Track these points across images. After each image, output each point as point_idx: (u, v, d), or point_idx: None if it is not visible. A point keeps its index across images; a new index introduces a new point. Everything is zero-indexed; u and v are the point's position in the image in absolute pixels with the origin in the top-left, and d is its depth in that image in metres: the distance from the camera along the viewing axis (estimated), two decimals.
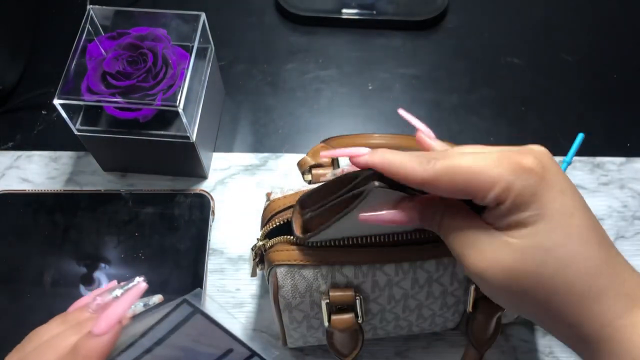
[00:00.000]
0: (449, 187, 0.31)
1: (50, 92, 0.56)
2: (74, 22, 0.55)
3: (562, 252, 0.30)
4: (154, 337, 0.33)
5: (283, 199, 0.41)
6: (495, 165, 0.30)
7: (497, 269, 0.31)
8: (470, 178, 0.30)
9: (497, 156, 0.30)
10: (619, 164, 0.60)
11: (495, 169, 0.30)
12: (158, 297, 0.39)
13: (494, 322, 0.43)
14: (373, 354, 0.50)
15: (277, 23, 0.70)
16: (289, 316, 0.42)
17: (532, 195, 0.30)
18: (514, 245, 0.30)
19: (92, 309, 0.37)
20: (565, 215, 0.30)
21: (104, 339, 0.33)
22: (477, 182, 0.30)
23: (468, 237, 0.32)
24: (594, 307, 0.30)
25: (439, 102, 0.65)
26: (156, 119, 0.53)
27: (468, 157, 0.31)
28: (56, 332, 0.36)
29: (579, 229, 0.30)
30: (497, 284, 0.31)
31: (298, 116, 0.64)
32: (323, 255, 0.39)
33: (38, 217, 0.56)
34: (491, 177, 0.30)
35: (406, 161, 0.31)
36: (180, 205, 0.57)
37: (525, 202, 0.30)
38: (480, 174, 0.30)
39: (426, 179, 0.31)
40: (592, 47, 0.68)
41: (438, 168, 0.31)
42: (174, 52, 0.53)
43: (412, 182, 0.32)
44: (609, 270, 0.30)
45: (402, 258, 0.39)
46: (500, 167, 0.30)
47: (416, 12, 0.69)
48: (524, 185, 0.30)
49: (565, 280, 0.30)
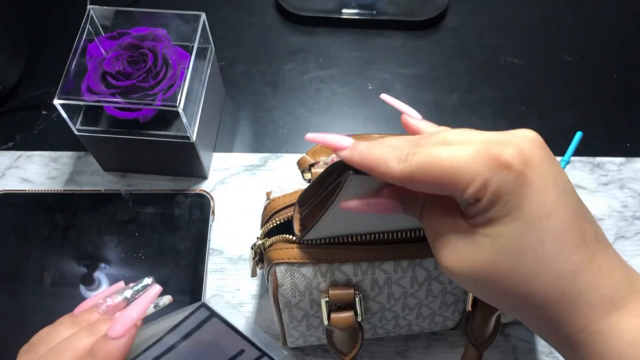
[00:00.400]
0: (426, 185, 0.29)
1: (50, 92, 0.56)
2: (74, 22, 0.55)
3: (534, 256, 0.28)
4: (171, 341, 0.34)
5: (283, 198, 0.41)
6: (474, 159, 0.28)
7: (466, 268, 0.30)
8: (447, 175, 0.28)
9: (477, 148, 0.28)
10: (619, 164, 0.60)
11: (474, 164, 0.28)
12: (168, 298, 0.38)
13: (493, 321, 0.43)
14: (373, 354, 0.50)
15: (277, 23, 0.70)
16: (288, 315, 0.42)
17: (509, 194, 0.28)
18: (485, 246, 0.29)
19: (102, 310, 0.37)
20: (541, 216, 0.28)
21: (121, 342, 0.33)
22: (454, 179, 0.28)
23: (442, 231, 0.31)
24: (568, 312, 0.29)
25: (439, 102, 0.65)
26: (156, 119, 0.53)
27: (446, 150, 0.29)
28: (68, 334, 0.35)
29: (555, 232, 0.28)
30: (466, 280, 0.31)
31: (298, 116, 0.64)
32: (322, 254, 0.39)
33: (38, 217, 0.56)
34: (468, 174, 0.28)
35: (383, 158, 0.30)
36: (180, 205, 0.57)
37: (502, 200, 0.28)
38: (457, 170, 0.28)
39: (402, 177, 0.29)
40: (592, 47, 0.68)
41: (414, 164, 0.29)
42: (174, 52, 0.53)
43: (389, 180, 0.30)
44: (586, 274, 0.29)
45: (401, 256, 0.39)
46: (478, 163, 0.28)
47: (416, 12, 0.69)
48: (502, 182, 0.28)
49: (537, 284, 0.29)
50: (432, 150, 0.29)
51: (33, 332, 0.39)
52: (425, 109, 0.64)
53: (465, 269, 0.30)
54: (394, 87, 0.66)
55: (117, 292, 0.38)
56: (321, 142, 0.34)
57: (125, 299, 0.37)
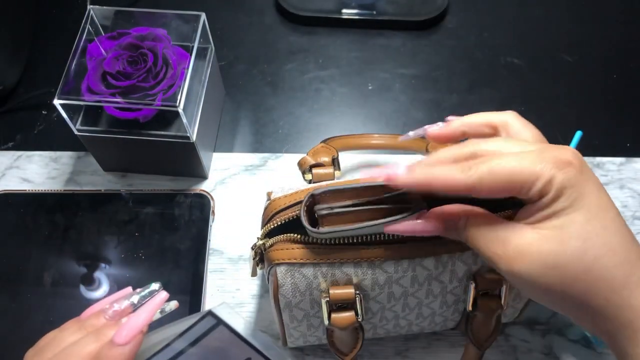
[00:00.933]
0: (494, 187, 0.32)
1: (50, 92, 0.56)
2: (74, 22, 0.55)
3: (599, 241, 0.31)
4: (178, 348, 0.34)
5: (284, 198, 0.41)
6: (537, 160, 0.31)
7: (535, 263, 0.31)
8: (512, 176, 0.32)
9: (537, 152, 0.32)
10: (619, 164, 0.60)
11: (538, 164, 0.31)
12: (174, 304, 0.39)
13: (493, 321, 0.43)
14: (373, 354, 0.50)
15: (277, 23, 0.70)
16: (289, 315, 0.42)
17: (572, 187, 0.31)
18: (553, 237, 0.31)
19: (109, 315, 0.37)
20: (601, 208, 0.32)
21: (127, 348, 0.34)
22: (520, 178, 0.31)
23: (498, 236, 0.33)
24: (632, 297, 0.31)
25: (439, 102, 0.65)
26: (156, 119, 0.53)
27: (508, 157, 0.32)
28: (74, 339, 0.35)
29: (614, 222, 0.32)
30: (534, 277, 0.32)
31: (298, 116, 0.64)
32: (323, 254, 0.39)
33: (38, 217, 0.56)
34: (534, 172, 0.31)
35: (447, 173, 0.33)
36: (180, 205, 0.57)
37: (566, 192, 0.31)
38: (523, 171, 0.31)
39: (470, 184, 0.32)
40: (592, 47, 0.68)
41: (481, 172, 0.32)
42: (174, 52, 0.53)
43: (456, 190, 0.33)
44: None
45: (401, 255, 0.39)
46: (542, 162, 0.31)
47: (416, 12, 0.69)
48: (565, 177, 0.31)
49: (605, 268, 0.31)
50: (495, 158, 0.32)
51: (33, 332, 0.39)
52: (425, 109, 0.64)
53: (535, 264, 0.31)
54: (394, 87, 0.66)
55: (123, 298, 0.38)
56: (374, 179, 0.37)
57: (132, 305, 0.37)
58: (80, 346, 0.34)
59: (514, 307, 0.46)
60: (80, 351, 0.34)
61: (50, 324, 0.51)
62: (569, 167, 0.31)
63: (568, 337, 0.51)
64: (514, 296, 0.44)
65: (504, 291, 0.41)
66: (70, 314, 0.39)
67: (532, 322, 0.52)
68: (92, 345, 0.34)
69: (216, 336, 0.34)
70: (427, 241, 0.39)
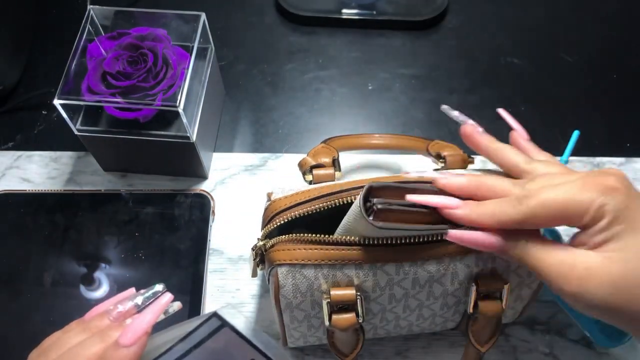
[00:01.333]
0: (547, 220, 0.34)
1: (50, 92, 0.56)
2: (74, 22, 0.55)
3: None
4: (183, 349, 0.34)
5: (284, 199, 0.41)
6: (585, 190, 0.33)
7: (605, 283, 0.33)
8: (565, 208, 0.33)
9: (583, 182, 0.34)
10: (619, 164, 0.60)
11: (586, 193, 0.33)
12: (177, 305, 0.39)
13: (494, 323, 0.43)
14: (373, 354, 0.50)
15: (277, 23, 0.70)
16: (289, 316, 0.42)
17: (624, 210, 0.33)
18: (617, 258, 0.33)
19: (113, 316, 0.37)
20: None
21: (132, 349, 0.34)
22: (572, 209, 0.33)
23: (564, 259, 0.34)
24: None
25: (439, 102, 0.64)
26: (156, 119, 0.53)
27: (557, 189, 0.34)
28: (79, 340, 0.35)
29: None
30: (605, 297, 0.33)
31: (298, 116, 0.64)
32: (324, 255, 0.39)
33: (38, 217, 0.56)
34: (584, 202, 0.33)
35: (497, 209, 0.35)
36: (180, 206, 0.57)
37: (620, 216, 0.33)
38: (573, 202, 0.33)
39: (523, 219, 0.34)
40: (592, 47, 0.68)
41: (532, 206, 0.34)
42: (174, 52, 0.53)
43: (508, 226, 0.35)
44: None
45: (403, 258, 0.39)
46: (589, 191, 0.33)
47: (416, 12, 0.69)
48: (615, 202, 0.33)
49: None
50: (545, 191, 0.34)
51: (33, 332, 0.39)
52: (425, 109, 0.64)
53: (605, 285, 0.33)
54: (394, 87, 0.66)
55: (127, 299, 0.38)
56: (426, 203, 0.37)
57: (136, 306, 0.37)
58: (85, 347, 0.34)
59: (514, 308, 0.46)
60: (85, 352, 0.34)
61: (50, 324, 0.51)
62: (617, 192, 0.33)
63: (568, 337, 0.51)
64: (515, 298, 0.44)
65: (505, 294, 0.41)
66: (70, 314, 0.39)
67: (532, 322, 0.52)
68: (97, 346, 0.34)
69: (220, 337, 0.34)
70: (429, 244, 0.39)
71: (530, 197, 0.34)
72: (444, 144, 0.51)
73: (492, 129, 0.66)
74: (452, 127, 0.63)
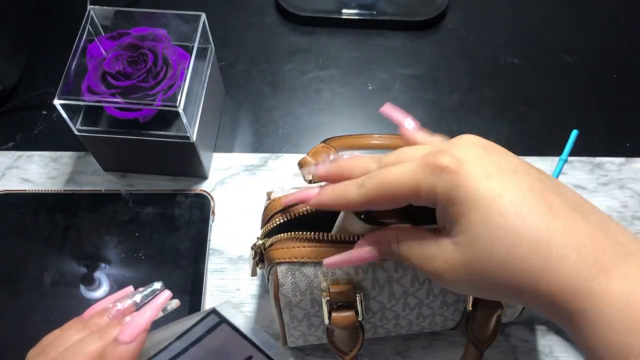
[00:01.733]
0: (383, 200, 0.33)
1: (50, 92, 0.56)
2: (74, 22, 0.55)
3: (504, 233, 0.30)
4: (181, 346, 0.34)
5: (284, 198, 0.41)
6: (417, 171, 0.32)
7: (461, 272, 0.32)
8: (396, 189, 0.33)
9: (418, 162, 0.32)
10: (619, 164, 0.60)
11: (417, 174, 0.32)
12: (176, 302, 0.39)
13: (493, 321, 0.43)
14: (373, 354, 0.50)
15: (277, 23, 0.70)
16: (289, 314, 0.42)
17: (453, 190, 0.31)
18: (460, 244, 0.31)
19: (112, 314, 0.37)
20: (494, 197, 0.30)
21: (131, 346, 0.34)
22: (403, 190, 0.32)
23: (422, 252, 0.34)
24: (556, 281, 0.29)
25: (439, 102, 0.65)
26: (156, 119, 0.53)
27: (394, 169, 0.33)
28: (78, 338, 0.36)
29: (512, 206, 0.30)
30: (461, 283, 0.32)
31: (298, 116, 0.64)
32: (323, 252, 0.39)
33: (38, 217, 0.56)
34: (414, 183, 0.32)
35: (341, 192, 0.35)
36: (180, 205, 0.57)
37: (452, 197, 0.31)
38: (404, 183, 0.32)
39: (363, 200, 0.34)
40: (592, 47, 0.68)
41: (369, 187, 0.33)
42: (174, 52, 0.53)
43: (354, 207, 0.35)
44: (563, 238, 0.29)
45: None
46: (420, 172, 0.32)
47: (416, 12, 0.69)
48: (444, 182, 0.31)
49: (518, 258, 0.30)
50: (382, 172, 0.33)
51: (33, 332, 0.39)
52: (425, 109, 0.64)
53: (461, 273, 0.32)
54: (394, 87, 0.66)
55: (126, 297, 0.38)
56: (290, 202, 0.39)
57: (135, 304, 0.38)
58: (84, 345, 0.35)
59: (514, 307, 0.46)
60: (85, 350, 0.34)
61: (50, 324, 0.51)
62: (444, 171, 0.31)
63: (568, 337, 0.51)
64: None
65: None
66: (70, 314, 0.39)
67: (532, 322, 0.52)
68: (97, 344, 0.35)
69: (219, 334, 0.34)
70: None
71: (371, 177, 0.33)
72: None
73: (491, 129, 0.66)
74: (452, 127, 0.63)
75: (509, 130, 0.63)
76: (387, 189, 0.33)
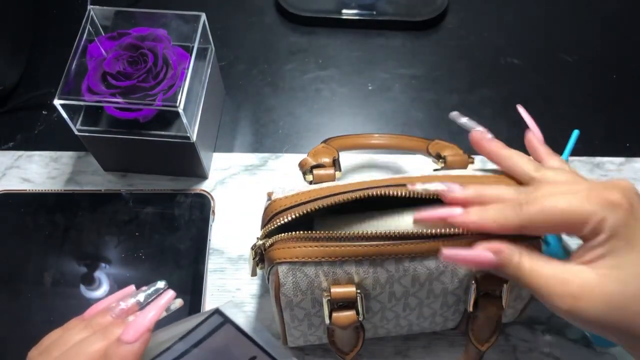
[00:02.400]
0: (547, 226, 0.35)
1: (50, 92, 0.56)
2: (74, 22, 0.55)
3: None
4: (184, 346, 0.34)
5: (285, 199, 0.41)
6: (587, 202, 0.33)
7: (599, 303, 0.33)
8: (565, 217, 0.34)
9: (586, 194, 0.34)
10: (619, 164, 0.60)
11: (588, 205, 0.33)
12: (179, 302, 0.39)
13: (494, 322, 0.43)
14: (373, 354, 0.50)
15: (277, 23, 0.70)
16: (290, 314, 0.42)
17: (623, 227, 0.33)
18: (612, 276, 0.33)
19: (115, 313, 0.37)
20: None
21: (135, 346, 0.34)
22: (572, 219, 0.34)
23: (557, 275, 0.34)
24: None
25: (439, 102, 0.65)
26: (156, 119, 0.53)
27: (559, 197, 0.34)
28: (81, 337, 0.35)
29: None
30: (599, 317, 0.33)
31: (298, 116, 0.64)
32: (324, 252, 0.39)
33: (38, 217, 0.56)
34: (585, 213, 0.33)
35: (499, 214, 0.35)
36: (180, 205, 0.57)
37: (617, 232, 0.33)
38: (574, 212, 0.34)
39: (523, 224, 0.35)
40: (592, 47, 0.68)
41: (532, 212, 0.34)
42: (174, 53, 0.53)
43: (509, 230, 0.35)
44: None
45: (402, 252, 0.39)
46: (592, 204, 0.33)
47: (416, 12, 0.69)
48: (616, 218, 0.33)
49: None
50: (544, 199, 0.35)
51: (33, 332, 0.39)
52: (425, 109, 0.64)
53: (599, 304, 0.33)
54: (394, 87, 0.66)
55: (129, 296, 0.38)
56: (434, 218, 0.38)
57: (138, 303, 0.38)
58: (87, 344, 0.34)
59: (514, 308, 0.46)
60: (88, 349, 0.34)
61: (50, 324, 0.51)
62: (619, 208, 0.33)
63: (568, 337, 0.51)
64: (515, 297, 0.44)
65: (505, 292, 0.41)
66: (70, 314, 0.39)
67: (532, 322, 0.52)
68: (100, 344, 0.34)
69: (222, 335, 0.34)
70: (427, 239, 0.38)
71: (532, 203, 0.34)
72: (444, 144, 0.51)
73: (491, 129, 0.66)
74: (452, 127, 0.63)
75: (509, 130, 0.63)
76: (555, 215, 0.34)
